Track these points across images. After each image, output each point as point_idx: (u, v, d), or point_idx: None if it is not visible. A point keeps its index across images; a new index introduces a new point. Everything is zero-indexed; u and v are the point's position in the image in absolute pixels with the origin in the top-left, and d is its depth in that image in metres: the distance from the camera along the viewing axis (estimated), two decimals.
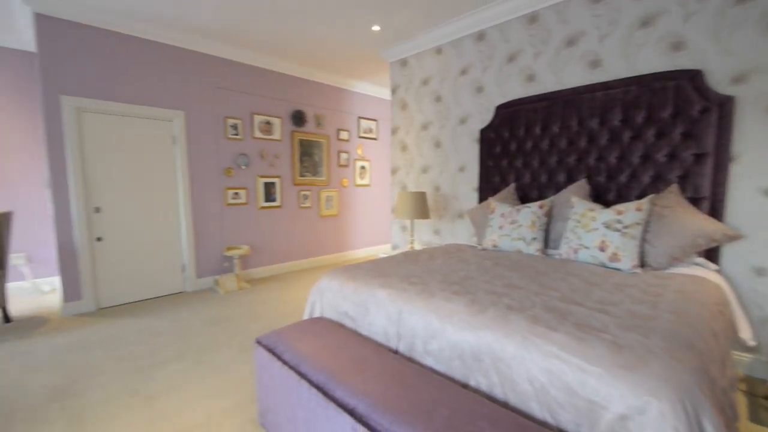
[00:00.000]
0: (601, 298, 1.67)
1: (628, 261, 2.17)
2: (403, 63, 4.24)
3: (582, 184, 2.75)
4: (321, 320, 2.05)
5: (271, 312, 3.55)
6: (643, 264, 2.23)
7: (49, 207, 3.81)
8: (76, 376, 2.39)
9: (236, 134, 4.40)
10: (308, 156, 5.15)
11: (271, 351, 1.78)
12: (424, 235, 4.22)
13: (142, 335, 3.02)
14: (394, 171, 4.51)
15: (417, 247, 3.95)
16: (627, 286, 1.85)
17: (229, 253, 4.29)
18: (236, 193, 4.46)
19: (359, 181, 5.89)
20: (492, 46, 3.41)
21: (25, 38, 3.80)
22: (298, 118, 4.93)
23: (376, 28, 3.72)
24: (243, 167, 4.48)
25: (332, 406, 1.34)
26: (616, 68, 2.70)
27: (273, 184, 4.79)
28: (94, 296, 3.59)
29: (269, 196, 4.78)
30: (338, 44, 4.14)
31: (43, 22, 3.19)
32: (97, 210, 3.57)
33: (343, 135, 5.57)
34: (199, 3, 3.21)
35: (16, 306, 3.71)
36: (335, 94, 5.42)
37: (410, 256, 2.59)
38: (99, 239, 3.59)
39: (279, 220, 4.93)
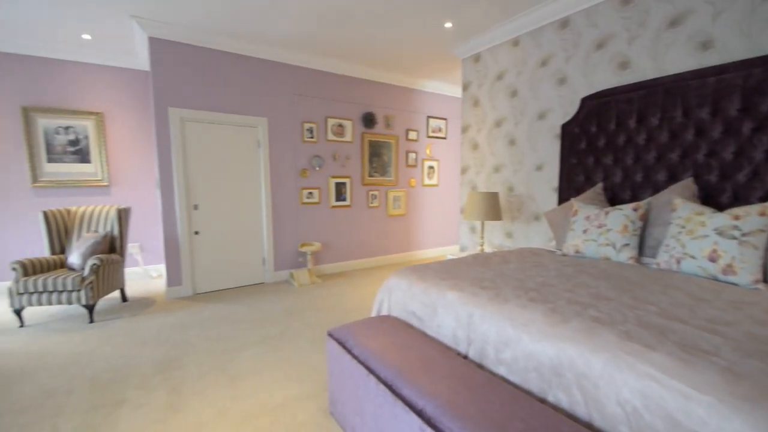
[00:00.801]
0: (711, 317, 1.42)
1: (747, 274, 1.82)
2: (476, 58, 4.10)
3: (687, 184, 2.38)
4: (389, 318, 2.07)
5: (340, 306, 3.69)
6: (767, 279, 1.86)
7: (158, 204, 4.42)
8: (176, 352, 2.73)
9: (311, 137, 4.66)
10: (377, 156, 5.25)
11: (341, 344, 1.84)
12: (495, 238, 4.03)
13: (229, 320, 3.34)
14: (463, 170, 4.39)
15: (487, 249, 3.79)
16: (746, 304, 1.55)
17: (302, 249, 4.56)
18: (310, 193, 4.73)
19: (427, 181, 5.85)
20: (577, 33, 3.13)
21: (142, 59, 4.45)
22: (369, 120, 5.05)
23: (448, 25, 3.65)
24: (317, 168, 4.73)
25: (400, 404, 1.33)
26: (734, 49, 2.29)
27: (343, 184, 4.98)
28: (192, 283, 4.07)
29: (340, 195, 4.97)
30: (409, 45, 4.15)
31: (155, 45, 3.70)
32: (196, 207, 4.04)
33: (412, 135, 5.58)
34: (281, 18, 3.45)
35: (131, 288, 4.36)
36: (404, 94, 5.45)
37: (481, 259, 2.49)
38: (196, 233, 4.07)
39: (348, 218, 5.11)
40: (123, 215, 3.74)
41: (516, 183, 3.75)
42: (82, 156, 4.46)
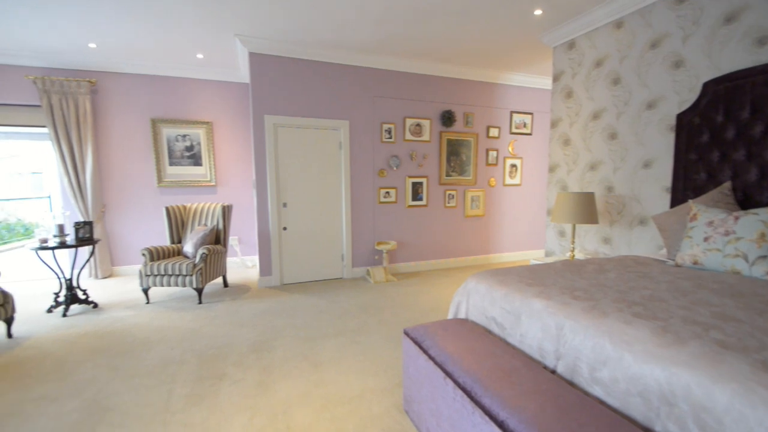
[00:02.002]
0: None
1: None
2: (570, 45, 3.75)
3: None
4: (466, 322, 1.99)
5: (415, 306, 3.68)
6: None
7: (254, 202, 4.90)
8: (266, 336, 3.00)
9: (390, 138, 4.73)
10: (455, 155, 5.13)
11: (418, 344, 1.82)
12: (588, 243, 3.64)
13: (311, 311, 3.56)
14: (552, 169, 4.05)
15: (578, 255, 3.43)
16: None
17: (379, 247, 4.66)
18: (387, 192, 4.81)
19: (509, 181, 5.53)
20: (699, 7, 2.66)
21: (243, 73, 4.99)
22: (447, 118, 4.95)
23: (537, 12, 3.40)
24: (394, 168, 4.79)
25: (479, 412, 1.27)
26: None
27: (420, 183, 4.97)
28: (280, 274, 4.44)
29: (416, 195, 4.97)
30: (492, 38, 3.97)
31: (254, 59, 4.11)
32: (285, 205, 4.39)
33: (493, 132, 5.33)
34: (362, 24, 3.56)
35: (231, 275, 4.91)
36: (486, 90, 5.23)
37: (572, 266, 2.26)
38: (285, 229, 4.42)
39: (424, 218, 5.08)
40: (226, 211, 4.24)
41: (617, 182, 3.34)
42: (195, 160, 5.17)
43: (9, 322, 3.00)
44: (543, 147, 5.70)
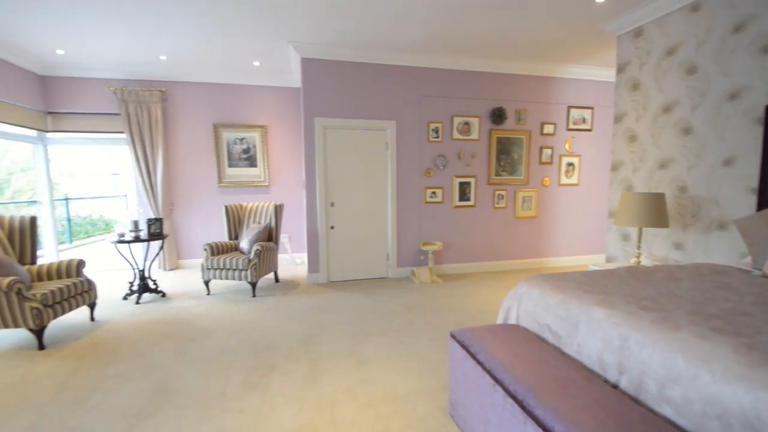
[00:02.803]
0: None
1: None
2: (637, 33, 3.45)
3: None
4: (517, 328, 1.91)
5: (461, 308, 3.60)
6: None
7: (303, 202, 5.08)
8: (314, 330, 3.10)
9: (437, 137, 4.67)
10: (506, 154, 4.94)
11: (465, 348, 1.78)
12: (657, 248, 3.33)
13: (356, 308, 3.62)
14: (615, 167, 3.76)
15: (645, 262, 3.14)
16: None
17: (424, 248, 4.62)
18: (433, 192, 4.75)
19: (564, 180, 5.22)
20: None
21: (295, 78, 5.19)
22: (498, 116, 4.78)
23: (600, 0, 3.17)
24: (441, 168, 4.73)
25: (531, 424, 1.20)
26: None
27: (468, 183, 4.85)
28: (327, 271, 4.57)
29: (463, 195, 4.86)
30: (550, 29, 3.76)
31: (306, 64, 4.26)
32: (332, 205, 4.51)
33: (548, 129, 5.05)
34: (409, 23, 3.53)
35: (281, 271, 5.14)
36: (540, 84, 4.98)
37: (638, 273, 2.07)
38: (332, 227, 4.54)
39: (472, 219, 4.95)
40: (278, 210, 4.44)
41: (691, 182, 3.01)
42: (251, 161, 5.48)
43: (92, 306, 3.38)
44: (604, 144, 5.30)
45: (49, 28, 3.66)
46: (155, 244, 4.89)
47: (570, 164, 5.22)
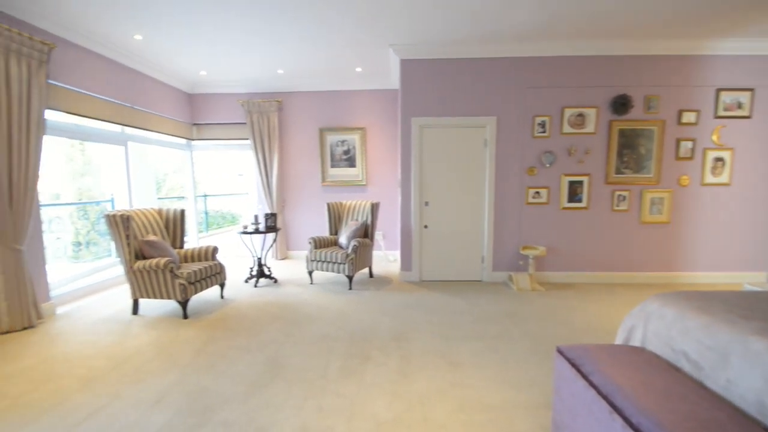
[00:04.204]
0: None
1: None
2: None
3: None
4: (642, 351, 1.63)
5: (567, 322, 3.24)
6: None
7: (398, 200, 5.18)
8: (406, 327, 3.13)
9: (543, 132, 4.28)
10: (630, 149, 4.27)
11: (575, 366, 1.58)
12: None
13: (449, 310, 3.54)
14: None
15: None
16: None
17: (524, 252, 4.28)
18: (537, 192, 4.37)
19: (710, 179, 4.29)
20: None
21: (393, 80, 5.32)
22: (621, 105, 4.16)
23: None
24: (547, 165, 4.31)
25: None
26: None
27: (580, 182, 4.33)
28: (419, 270, 4.58)
29: (574, 195, 4.35)
30: None
31: (405, 65, 4.32)
32: (426, 204, 4.49)
33: (688, 117, 4.21)
34: (516, 10, 3.29)
35: (375, 267, 5.32)
36: (678, 64, 4.17)
37: None
38: (426, 227, 4.53)
39: (583, 223, 4.41)
40: (374, 208, 4.61)
41: None
42: (351, 162, 5.81)
43: (222, 286, 3.98)
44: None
45: (197, 55, 4.43)
46: (270, 236, 5.53)
47: (718, 159, 4.26)
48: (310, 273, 4.52)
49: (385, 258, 5.84)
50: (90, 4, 3.19)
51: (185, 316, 3.38)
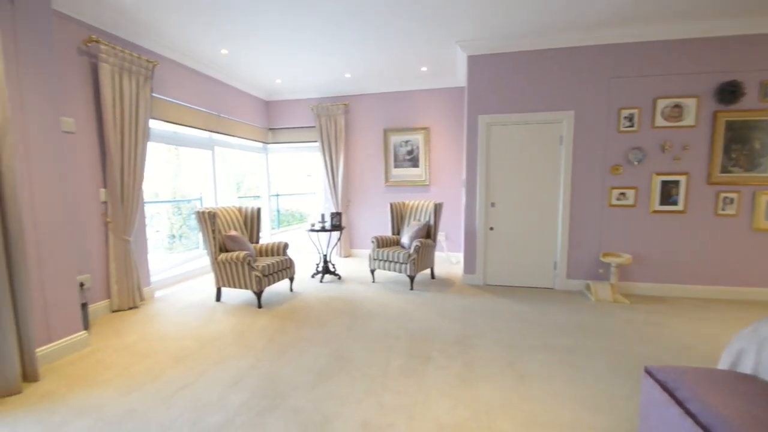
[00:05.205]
0: None
1: None
2: None
3: None
4: (754, 380, 1.38)
5: (656, 340, 2.87)
6: None
7: (462, 201, 5.04)
8: (469, 331, 3.02)
9: (630, 126, 3.85)
10: (740, 143, 3.66)
11: (667, 390, 1.39)
12: None
13: (516, 317, 3.35)
14: None
15: None
16: None
17: (605, 260, 3.89)
18: (622, 193, 3.94)
19: None
20: None
21: (459, 78, 5.19)
22: (730, 92, 3.58)
23: None
24: (635, 163, 3.87)
25: None
26: None
27: (675, 182, 3.81)
28: (483, 273, 4.40)
29: (668, 197, 3.85)
30: None
31: (472, 61, 4.19)
32: (492, 205, 4.31)
33: None
34: None
35: (437, 269, 5.24)
36: None
37: None
38: (491, 229, 4.34)
39: (679, 228, 3.88)
40: (437, 209, 4.54)
41: None
42: (414, 162, 5.79)
43: (291, 280, 4.22)
44: None
45: (273, 66, 4.77)
46: (335, 234, 5.74)
47: None
48: (372, 271, 4.59)
49: (448, 260, 5.73)
50: (187, 25, 3.61)
51: (259, 306, 3.65)
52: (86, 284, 3.31)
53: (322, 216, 4.71)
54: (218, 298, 3.87)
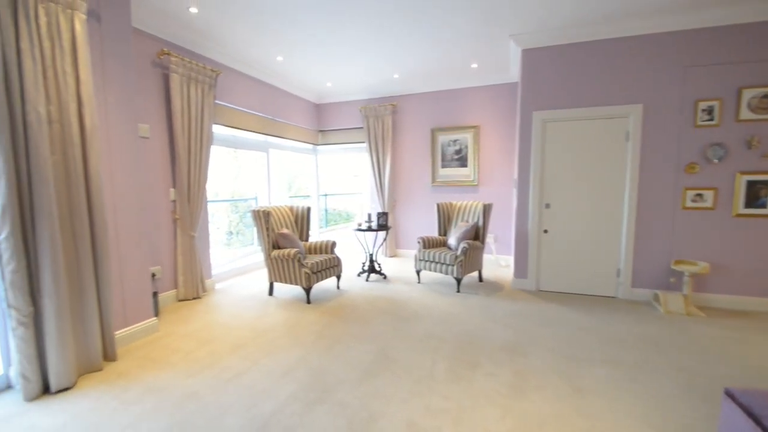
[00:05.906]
0: None
1: None
2: None
3: None
4: None
5: (737, 358, 2.54)
6: None
7: (513, 202, 4.84)
8: (519, 338, 2.89)
9: (709, 119, 3.45)
10: None
11: (752, 416, 1.23)
12: None
13: (573, 326, 3.14)
14: None
15: None
16: None
17: (678, 268, 3.52)
18: (699, 195, 3.54)
19: None
20: None
21: (512, 73, 4.99)
22: None
23: None
24: (714, 161, 3.46)
25: None
26: None
27: (764, 183, 3.35)
28: (536, 278, 4.18)
29: (754, 199, 3.39)
30: None
31: (527, 55, 4.00)
32: (547, 206, 4.08)
33: None
34: None
35: (485, 272, 5.07)
36: None
37: None
38: (545, 231, 4.11)
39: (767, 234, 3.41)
40: (487, 210, 4.40)
41: None
42: (462, 161, 5.66)
43: (338, 277, 4.32)
44: None
45: (325, 70, 4.92)
46: (381, 234, 5.78)
47: None
48: (418, 272, 4.56)
49: (496, 262, 5.53)
50: (248, 36, 3.83)
51: (308, 301, 3.78)
52: (157, 275, 3.64)
53: (369, 216, 4.76)
54: (271, 292, 4.06)
